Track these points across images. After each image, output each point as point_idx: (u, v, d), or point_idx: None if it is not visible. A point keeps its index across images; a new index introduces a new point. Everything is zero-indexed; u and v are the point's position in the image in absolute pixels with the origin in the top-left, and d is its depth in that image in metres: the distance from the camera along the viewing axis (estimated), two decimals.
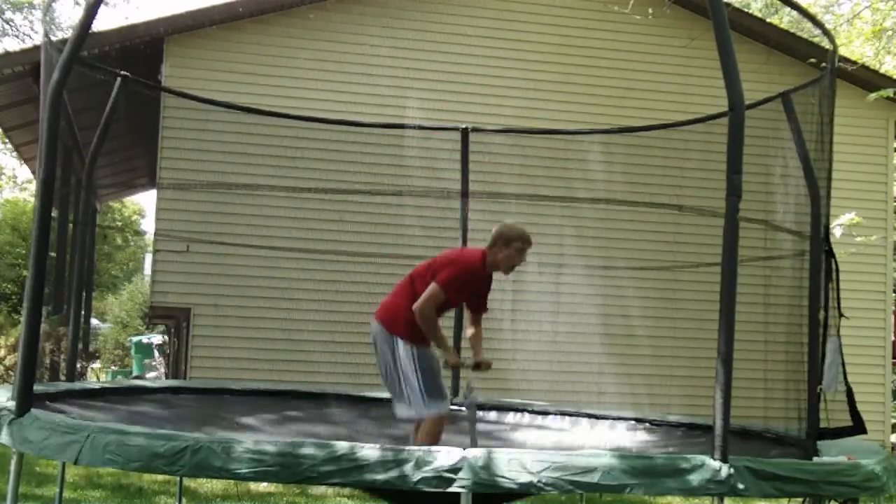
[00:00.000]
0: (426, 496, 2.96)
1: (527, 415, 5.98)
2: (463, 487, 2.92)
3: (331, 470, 2.93)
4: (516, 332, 9.33)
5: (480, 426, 5.46)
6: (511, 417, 5.92)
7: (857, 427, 4.08)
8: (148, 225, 34.61)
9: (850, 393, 4.14)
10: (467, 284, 4.49)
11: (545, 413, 6.01)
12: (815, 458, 3.70)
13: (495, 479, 2.92)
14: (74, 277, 6.40)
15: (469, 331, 4.75)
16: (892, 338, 12.13)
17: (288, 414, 5.58)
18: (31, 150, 13.93)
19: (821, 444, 3.97)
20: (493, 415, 5.96)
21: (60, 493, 5.19)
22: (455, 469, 2.91)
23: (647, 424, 5.65)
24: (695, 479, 3.00)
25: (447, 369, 4.61)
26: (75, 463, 3.27)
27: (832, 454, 3.75)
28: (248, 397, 6.28)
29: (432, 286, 4.38)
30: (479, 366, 4.54)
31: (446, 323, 5.08)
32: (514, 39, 10.85)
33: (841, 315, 4.18)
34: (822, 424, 4.07)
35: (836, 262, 4.25)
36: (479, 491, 2.94)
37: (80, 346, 6.22)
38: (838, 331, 4.15)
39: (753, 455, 3.21)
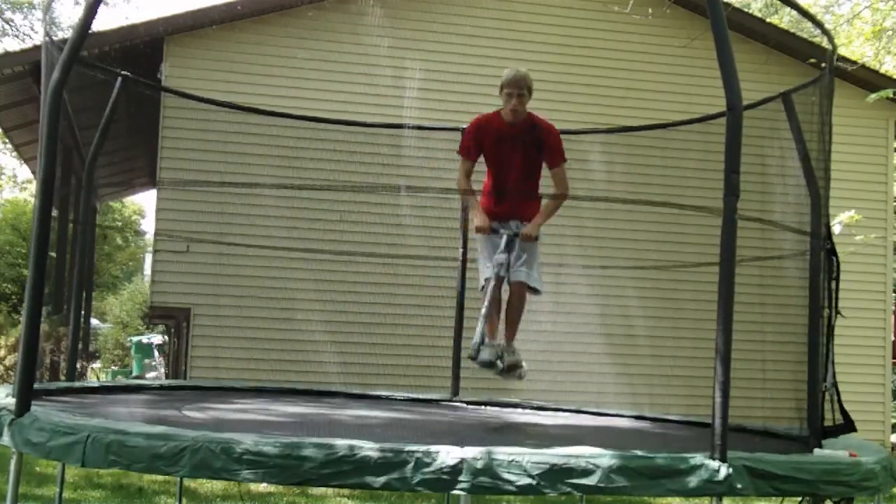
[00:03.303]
0: None
1: (526, 414, 5.98)
2: (463, 489, 2.92)
3: (330, 472, 2.93)
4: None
5: (482, 417, 5.46)
6: (510, 417, 5.92)
7: (848, 425, 4.09)
8: (148, 225, 34.66)
9: (836, 391, 4.15)
10: (479, 137, 4.83)
11: (544, 411, 6.01)
12: (816, 451, 3.70)
13: (495, 480, 2.92)
14: (74, 277, 6.39)
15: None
16: (892, 338, 12.13)
17: (287, 414, 5.58)
18: (31, 150, 13.94)
19: (823, 442, 3.97)
20: (491, 413, 5.96)
21: (60, 493, 5.19)
22: (455, 470, 2.91)
23: (647, 423, 5.65)
24: (694, 479, 3.00)
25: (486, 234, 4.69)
26: (83, 465, 3.27)
27: (834, 449, 3.75)
28: (248, 397, 6.27)
29: None
30: (516, 236, 4.63)
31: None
32: (514, 39, 10.85)
33: (838, 314, 4.19)
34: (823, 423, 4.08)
35: (837, 260, 4.25)
36: (478, 493, 2.94)
37: (80, 346, 6.21)
38: (833, 329, 4.16)
39: (753, 453, 3.21)
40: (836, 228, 8.02)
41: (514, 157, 4.79)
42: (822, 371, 4.09)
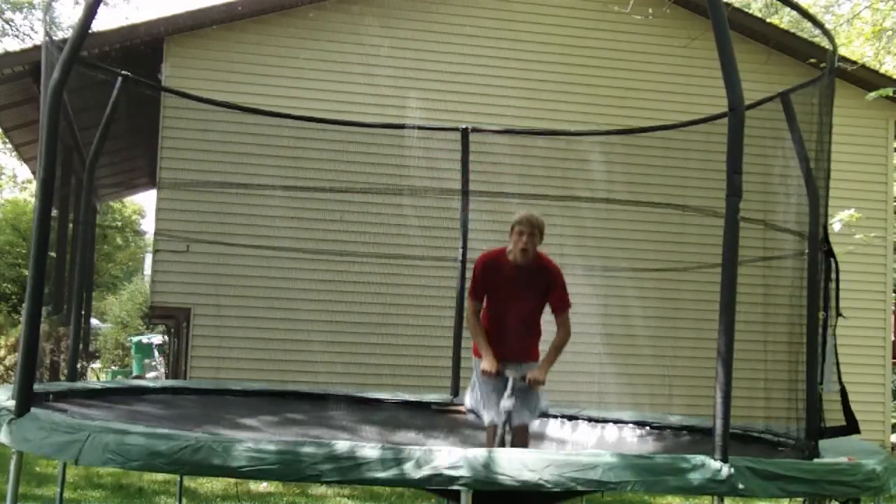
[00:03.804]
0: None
1: None
2: (463, 486, 2.92)
3: (331, 469, 2.93)
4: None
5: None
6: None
7: (851, 427, 4.08)
8: (148, 225, 34.65)
9: (843, 393, 4.14)
10: (486, 276, 4.68)
11: (544, 414, 6.00)
12: (816, 460, 3.70)
13: (495, 477, 2.92)
14: (75, 277, 6.40)
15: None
16: (892, 338, 12.13)
17: (288, 414, 5.59)
18: (31, 150, 13.93)
19: (821, 444, 3.97)
20: None
21: (61, 493, 5.19)
22: (455, 467, 2.91)
23: (648, 426, 5.65)
24: (695, 478, 3.00)
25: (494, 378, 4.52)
26: (76, 463, 3.27)
27: (832, 455, 3.75)
28: (248, 397, 6.28)
29: None
30: (524, 380, 4.47)
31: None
32: (514, 39, 10.85)
33: (839, 315, 4.18)
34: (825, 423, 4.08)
35: (835, 261, 4.25)
36: (479, 489, 2.94)
37: (80, 346, 6.21)
38: (834, 330, 4.15)
39: (754, 456, 3.21)
40: (835, 227, 8.02)
41: (520, 301, 4.69)
42: (819, 373, 4.09)
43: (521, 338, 4.72)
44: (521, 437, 4.57)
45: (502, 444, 4.37)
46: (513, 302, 4.67)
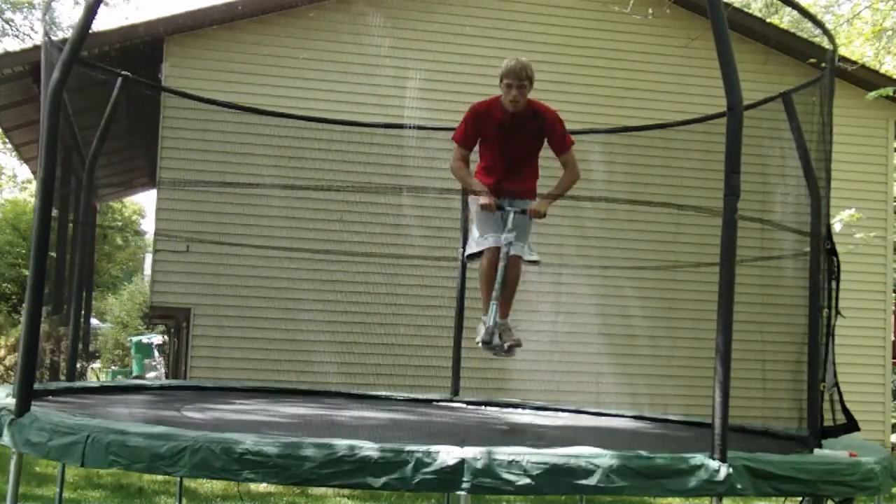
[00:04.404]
0: None
1: (526, 414, 5.98)
2: (463, 489, 2.92)
3: (330, 472, 2.93)
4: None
5: (482, 417, 5.46)
6: (510, 416, 5.92)
7: (851, 425, 4.09)
8: (148, 225, 34.66)
9: (839, 391, 4.15)
10: (476, 125, 4.82)
11: (544, 411, 6.00)
12: (817, 451, 3.70)
13: (495, 480, 2.92)
14: (74, 277, 6.39)
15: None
16: (892, 338, 12.13)
17: (288, 414, 5.58)
18: (31, 150, 13.94)
19: (824, 442, 3.97)
20: (491, 412, 5.96)
21: (60, 493, 5.19)
22: (455, 470, 2.91)
23: (647, 423, 5.65)
24: (694, 479, 3.00)
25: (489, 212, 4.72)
26: (79, 464, 3.27)
27: (834, 449, 3.75)
28: (248, 397, 6.27)
29: None
30: (525, 213, 4.68)
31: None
32: (514, 39, 10.84)
33: (838, 314, 4.19)
34: (825, 423, 4.08)
35: (837, 260, 4.25)
36: (478, 493, 2.94)
37: (80, 346, 6.21)
38: (833, 329, 4.16)
39: (753, 453, 3.21)
40: (836, 227, 8.03)
41: (514, 146, 4.81)
42: (821, 371, 4.10)
43: (518, 180, 4.85)
44: (515, 267, 4.80)
45: (504, 272, 4.62)
46: (506, 148, 4.79)
